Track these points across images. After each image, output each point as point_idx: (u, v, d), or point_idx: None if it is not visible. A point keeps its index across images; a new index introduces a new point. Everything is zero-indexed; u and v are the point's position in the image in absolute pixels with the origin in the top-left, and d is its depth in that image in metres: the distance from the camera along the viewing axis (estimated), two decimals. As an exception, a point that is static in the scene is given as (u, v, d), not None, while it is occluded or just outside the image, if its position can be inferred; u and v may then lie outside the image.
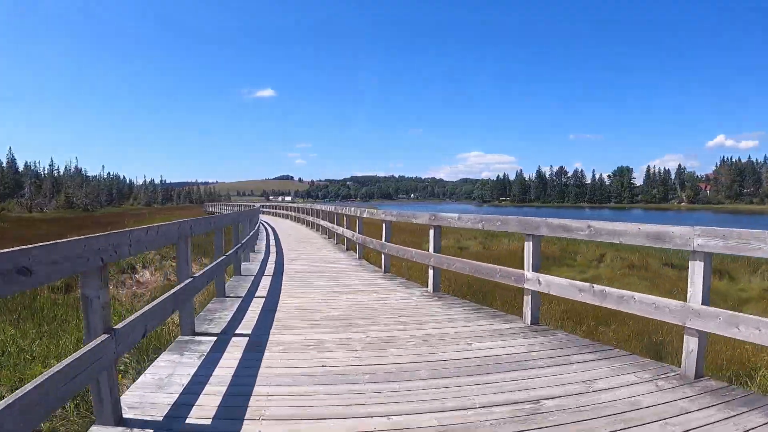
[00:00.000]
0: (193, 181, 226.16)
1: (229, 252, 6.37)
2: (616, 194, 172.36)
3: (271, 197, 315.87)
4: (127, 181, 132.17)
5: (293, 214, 26.13)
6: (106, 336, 2.28)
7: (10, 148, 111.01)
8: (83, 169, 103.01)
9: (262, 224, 19.07)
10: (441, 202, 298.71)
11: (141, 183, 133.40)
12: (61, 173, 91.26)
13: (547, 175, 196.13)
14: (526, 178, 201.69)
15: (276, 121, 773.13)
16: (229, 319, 4.72)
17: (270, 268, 8.44)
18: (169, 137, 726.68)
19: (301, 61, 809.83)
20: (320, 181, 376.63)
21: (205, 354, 3.60)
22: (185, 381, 3.04)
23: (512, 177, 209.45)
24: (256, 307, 5.27)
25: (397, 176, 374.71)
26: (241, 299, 5.68)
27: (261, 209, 23.79)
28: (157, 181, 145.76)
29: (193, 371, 3.22)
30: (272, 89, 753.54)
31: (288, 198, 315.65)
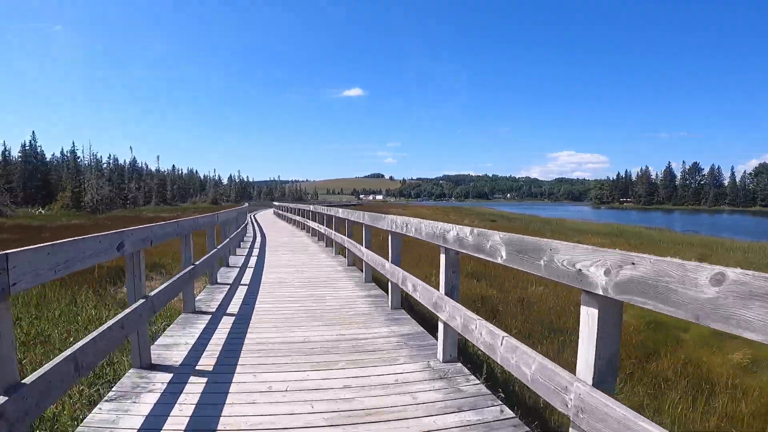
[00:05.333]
0: (276, 178, 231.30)
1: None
2: (763, 196, 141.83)
3: (362, 195, 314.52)
4: (201, 177, 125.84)
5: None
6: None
7: (33, 132, 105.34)
8: (142, 163, 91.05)
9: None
10: (540, 202, 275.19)
11: (213, 180, 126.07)
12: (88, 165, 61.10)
13: (677, 174, 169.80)
14: (653, 177, 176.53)
15: (366, 120, 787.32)
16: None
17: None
18: (263, 137, 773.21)
19: (390, 61, 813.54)
20: (412, 179, 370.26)
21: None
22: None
23: (607, 176, 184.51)
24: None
25: (490, 175, 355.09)
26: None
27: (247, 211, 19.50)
28: (235, 177, 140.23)
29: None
30: (361, 88, 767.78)
31: (379, 197, 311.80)
